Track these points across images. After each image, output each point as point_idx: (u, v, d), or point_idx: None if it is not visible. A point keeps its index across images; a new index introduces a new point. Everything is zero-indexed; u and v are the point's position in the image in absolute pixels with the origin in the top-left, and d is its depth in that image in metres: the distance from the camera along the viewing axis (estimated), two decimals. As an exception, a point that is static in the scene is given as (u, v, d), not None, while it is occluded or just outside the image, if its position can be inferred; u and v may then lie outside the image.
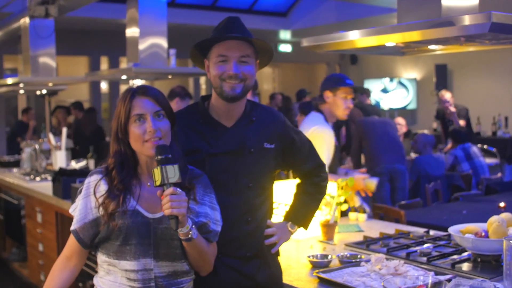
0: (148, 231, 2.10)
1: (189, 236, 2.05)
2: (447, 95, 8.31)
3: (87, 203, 2.14)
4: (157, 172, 2.00)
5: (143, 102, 2.11)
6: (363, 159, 7.11)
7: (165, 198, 1.98)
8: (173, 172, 2.00)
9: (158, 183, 2.00)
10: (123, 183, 2.10)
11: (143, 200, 2.13)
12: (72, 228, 2.18)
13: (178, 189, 2.00)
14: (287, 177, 3.51)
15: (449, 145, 7.64)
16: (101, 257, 2.18)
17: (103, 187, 2.13)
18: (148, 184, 2.15)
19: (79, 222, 2.15)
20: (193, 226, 2.07)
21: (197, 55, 2.47)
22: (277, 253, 2.60)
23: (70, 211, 2.22)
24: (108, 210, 2.07)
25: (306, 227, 2.71)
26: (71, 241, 2.21)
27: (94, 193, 2.12)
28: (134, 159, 2.16)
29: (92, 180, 2.16)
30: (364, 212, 3.92)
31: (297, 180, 2.74)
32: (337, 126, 7.28)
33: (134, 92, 2.13)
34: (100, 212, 2.10)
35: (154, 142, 2.07)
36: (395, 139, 6.88)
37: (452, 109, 8.22)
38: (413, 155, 7.67)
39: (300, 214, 2.67)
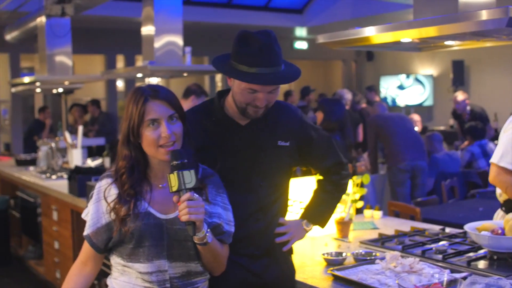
0: (161, 232, 2.08)
1: (205, 240, 2.03)
2: (459, 97, 8.22)
3: (98, 207, 2.12)
4: (173, 178, 1.96)
5: (157, 106, 2.06)
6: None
7: (182, 204, 1.95)
8: (189, 178, 1.96)
9: (174, 188, 1.96)
10: (133, 188, 2.08)
11: (155, 201, 2.10)
12: (85, 233, 2.16)
13: (195, 194, 1.98)
14: (303, 174, 3.49)
15: (466, 142, 7.58)
16: (115, 259, 2.17)
17: (113, 191, 2.11)
18: (160, 185, 2.13)
19: (91, 227, 2.14)
20: (208, 230, 2.05)
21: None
22: (290, 251, 2.57)
23: (83, 216, 2.21)
24: (120, 215, 2.05)
25: (322, 226, 2.66)
26: (85, 246, 2.20)
27: (105, 198, 2.11)
28: (144, 162, 2.12)
29: (102, 184, 2.14)
30: None
31: (317, 177, 2.71)
32: (353, 124, 7.27)
33: (147, 95, 2.07)
34: (112, 217, 2.09)
35: (168, 148, 2.04)
36: (416, 135, 6.82)
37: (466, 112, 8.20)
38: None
39: (316, 212, 2.63)
